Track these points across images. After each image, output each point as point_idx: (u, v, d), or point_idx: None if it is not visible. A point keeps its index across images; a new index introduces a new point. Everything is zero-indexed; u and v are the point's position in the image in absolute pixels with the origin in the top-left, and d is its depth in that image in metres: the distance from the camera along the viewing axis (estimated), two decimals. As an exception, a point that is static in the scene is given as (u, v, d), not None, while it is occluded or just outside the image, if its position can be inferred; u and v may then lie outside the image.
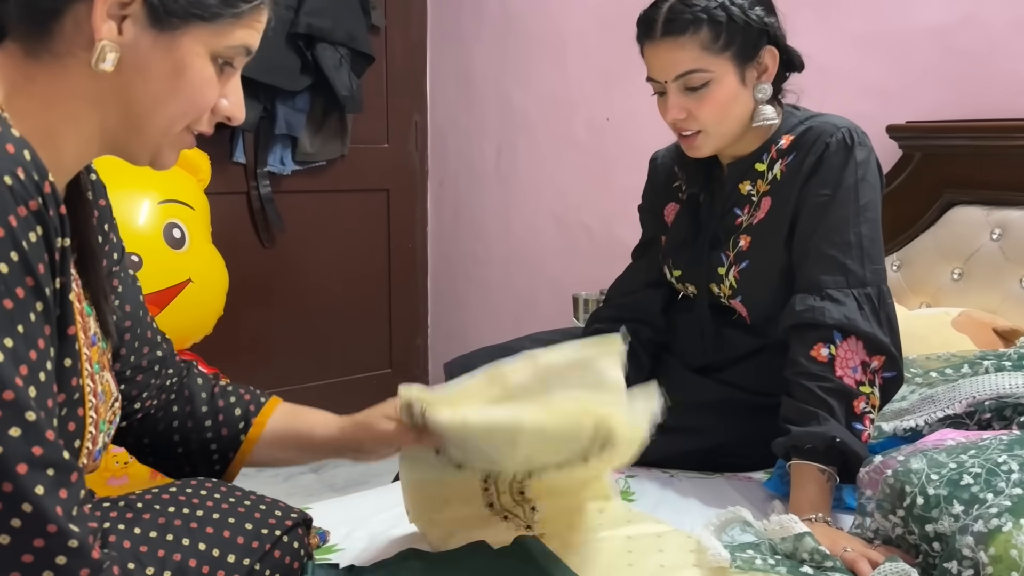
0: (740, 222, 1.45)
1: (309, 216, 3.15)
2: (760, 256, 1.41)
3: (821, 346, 1.27)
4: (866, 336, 1.27)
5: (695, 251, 1.51)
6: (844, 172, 1.33)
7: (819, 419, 1.24)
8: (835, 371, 1.26)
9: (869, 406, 1.27)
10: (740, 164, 1.45)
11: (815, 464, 1.23)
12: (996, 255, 1.79)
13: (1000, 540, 0.99)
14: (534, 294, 3.09)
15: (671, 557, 1.16)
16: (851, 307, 1.28)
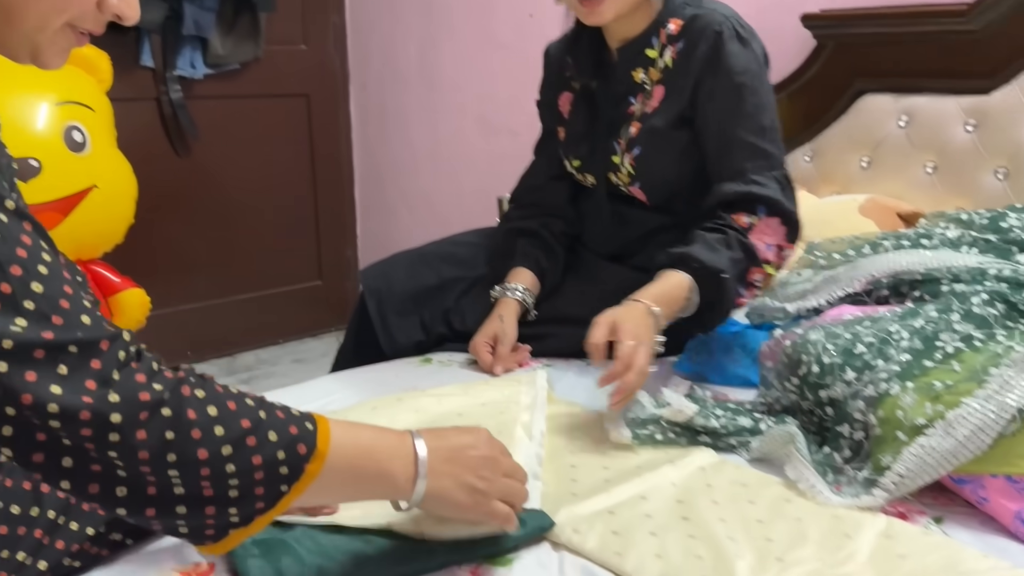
0: (633, 110, 1.46)
1: (225, 123, 3.03)
2: (653, 143, 1.44)
3: (744, 215, 1.31)
4: (787, 215, 1.32)
5: (591, 141, 1.53)
6: (747, 61, 1.35)
7: (719, 254, 1.27)
8: (750, 236, 1.30)
9: (762, 283, 1.33)
10: (630, 49, 1.45)
11: (689, 279, 1.25)
12: (903, 142, 1.83)
13: (888, 403, 1.04)
14: (461, 198, 3.07)
15: (581, 434, 1.19)
16: (773, 188, 1.33)
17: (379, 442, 0.77)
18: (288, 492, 0.69)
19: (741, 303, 1.32)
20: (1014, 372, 1.00)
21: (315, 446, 0.70)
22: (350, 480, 0.75)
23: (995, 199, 1.66)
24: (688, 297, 1.27)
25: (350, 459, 0.74)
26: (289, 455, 0.69)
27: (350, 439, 0.74)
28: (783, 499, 1.00)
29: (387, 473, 0.77)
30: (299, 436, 0.70)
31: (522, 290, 1.50)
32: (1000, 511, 0.96)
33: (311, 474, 0.70)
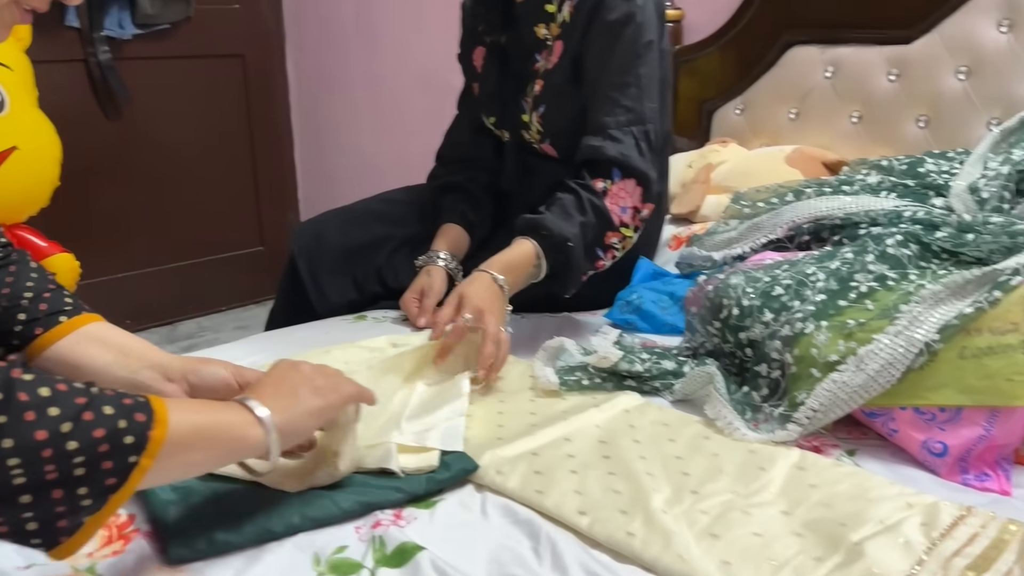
0: (538, 67, 1.47)
1: (157, 85, 2.96)
2: (556, 100, 1.45)
3: (599, 180, 1.33)
4: (641, 175, 1.34)
5: (502, 97, 1.54)
6: (624, 13, 1.36)
7: (571, 220, 1.29)
8: (606, 200, 1.32)
9: (621, 246, 1.35)
10: (530, 3, 1.45)
11: (536, 247, 1.28)
12: (829, 93, 1.86)
13: (803, 342, 1.07)
14: (404, 158, 3.03)
15: (510, 383, 1.21)
16: (628, 144, 1.34)
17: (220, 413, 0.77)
18: (138, 462, 0.66)
19: (599, 266, 1.35)
20: (923, 308, 1.04)
21: (152, 411, 0.68)
22: (201, 444, 0.73)
23: (916, 146, 1.70)
24: (536, 264, 1.29)
25: (193, 422, 0.72)
26: (130, 424, 0.66)
27: (187, 406, 0.75)
28: (702, 436, 1.03)
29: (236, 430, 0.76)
30: (134, 406, 0.67)
31: (446, 256, 1.50)
32: (908, 442, 1.00)
33: (157, 440, 0.67)
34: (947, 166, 1.40)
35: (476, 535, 0.85)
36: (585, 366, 1.20)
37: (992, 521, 0.84)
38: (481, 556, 0.81)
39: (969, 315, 0.99)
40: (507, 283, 1.26)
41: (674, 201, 1.84)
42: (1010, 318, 0.98)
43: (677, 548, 0.79)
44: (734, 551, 0.79)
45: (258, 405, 0.78)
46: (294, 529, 0.83)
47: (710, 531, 0.83)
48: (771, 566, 0.77)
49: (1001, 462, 0.97)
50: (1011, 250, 1.11)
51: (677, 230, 1.77)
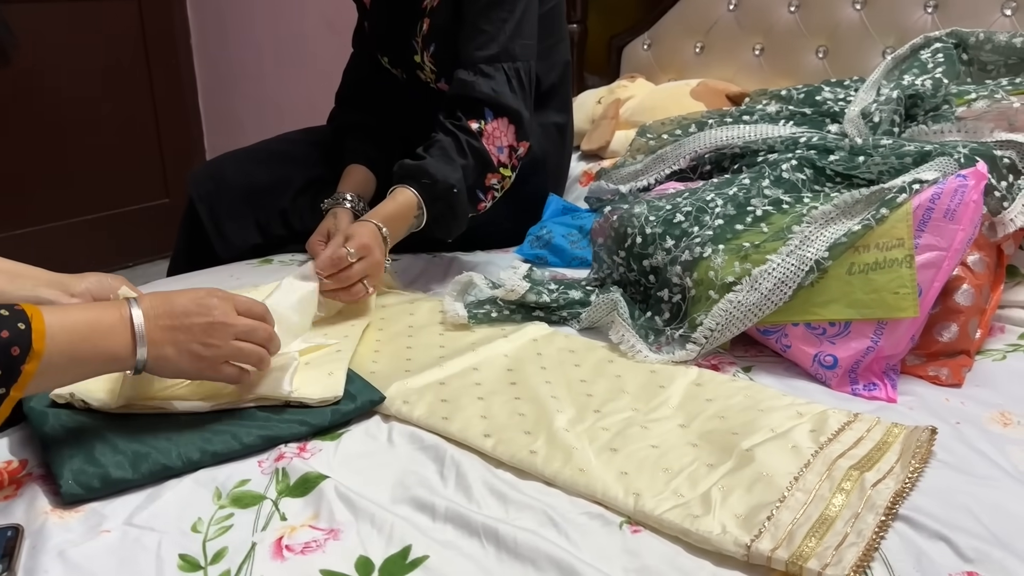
0: (425, 5, 1.44)
1: (48, 29, 2.80)
2: (443, 40, 1.42)
3: (473, 121, 1.31)
4: (513, 113, 1.32)
5: (393, 37, 1.50)
6: None
7: (453, 165, 1.28)
8: (483, 139, 1.30)
9: (500, 186, 1.35)
10: None
11: (417, 196, 1.27)
12: (732, 26, 1.88)
13: (702, 266, 1.10)
14: (312, 102, 2.95)
15: (420, 319, 1.21)
16: (500, 80, 1.32)
17: (96, 323, 0.77)
18: (7, 394, 0.69)
19: (481, 207, 1.34)
20: (813, 228, 1.07)
21: (30, 346, 0.70)
22: (71, 366, 0.75)
23: (816, 76, 1.74)
24: (417, 215, 1.28)
25: (67, 348, 0.73)
26: (4, 358, 0.68)
27: (66, 328, 0.74)
28: (606, 360, 1.05)
29: (107, 351, 0.77)
30: (12, 339, 0.68)
31: (352, 198, 1.46)
32: (801, 356, 1.04)
33: (28, 373, 0.69)
34: (843, 94, 1.44)
35: (381, 462, 0.85)
36: (494, 299, 1.21)
37: (877, 425, 0.88)
38: (386, 481, 0.81)
39: (857, 232, 1.02)
40: (389, 235, 1.24)
41: (584, 137, 1.85)
42: (896, 234, 1.01)
43: (577, 462, 0.81)
44: (632, 463, 0.82)
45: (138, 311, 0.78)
46: (194, 465, 0.82)
47: (610, 445, 0.85)
48: (666, 474, 0.80)
49: (888, 372, 1.02)
50: (899, 171, 1.15)
51: (588, 166, 1.78)
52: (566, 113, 1.61)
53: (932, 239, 1.00)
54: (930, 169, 1.10)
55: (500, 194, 1.36)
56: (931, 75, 1.36)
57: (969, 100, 1.30)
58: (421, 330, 1.17)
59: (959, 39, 1.46)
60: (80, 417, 0.87)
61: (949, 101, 1.30)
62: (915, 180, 1.05)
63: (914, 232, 1.01)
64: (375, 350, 1.11)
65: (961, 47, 1.45)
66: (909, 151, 1.16)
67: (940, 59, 1.40)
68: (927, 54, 1.43)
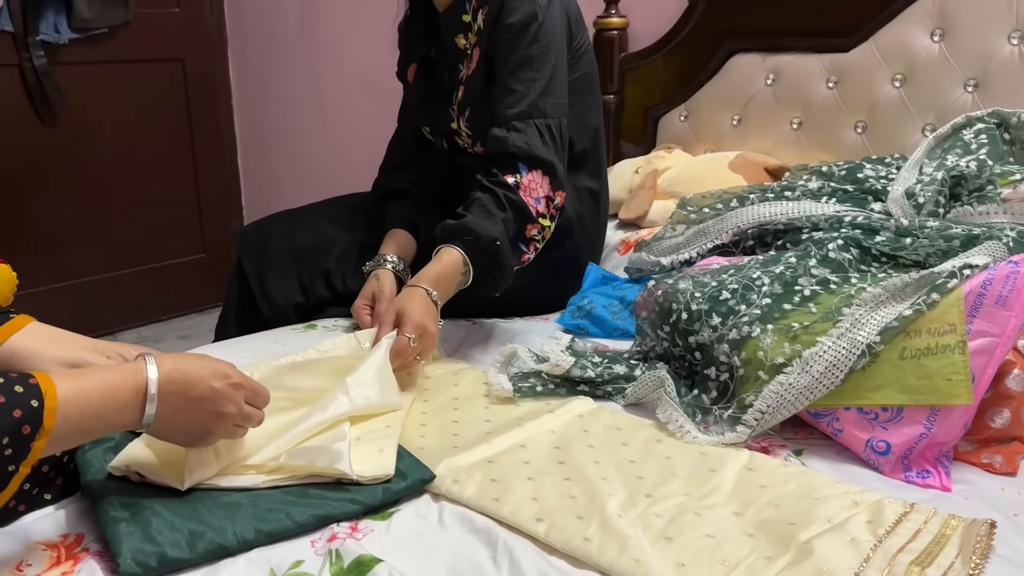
0: (461, 76, 1.51)
1: (95, 90, 2.89)
2: (477, 104, 1.48)
3: (509, 175, 1.35)
4: (547, 165, 1.36)
5: (433, 108, 1.58)
6: (526, 13, 1.40)
7: (493, 219, 1.30)
8: (520, 192, 1.33)
9: (540, 236, 1.37)
10: (450, 15, 1.49)
11: (463, 254, 1.29)
12: (770, 100, 1.91)
13: (750, 345, 1.09)
14: (350, 163, 3.01)
15: (464, 390, 1.21)
16: (532, 134, 1.37)
17: (111, 397, 0.78)
18: (17, 471, 0.70)
19: (525, 260, 1.36)
20: (864, 311, 1.07)
21: (41, 424, 0.71)
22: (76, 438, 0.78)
23: (855, 152, 1.75)
24: (464, 272, 1.30)
25: (77, 424, 0.75)
26: (15, 437, 0.69)
27: (79, 404, 0.75)
28: (654, 440, 1.05)
29: (115, 424, 0.79)
30: (24, 418, 0.70)
31: (393, 259, 1.49)
32: (853, 441, 1.03)
33: (37, 450, 0.71)
34: (884, 171, 1.45)
35: (433, 545, 0.85)
36: (538, 372, 1.21)
37: (934, 516, 0.87)
38: (439, 566, 0.81)
39: (908, 317, 1.02)
40: (439, 297, 1.26)
41: (622, 207, 1.87)
42: (947, 319, 1.01)
43: (633, 552, 0.80)
44: (688, 553, 0.81)
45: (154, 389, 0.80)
46: (248, 545, 0.82)
47: (664, 534, 0.84)
48: (724, 567, 0.79)
49: (941, 459, 1.01)
50: (947, 253, 1.15)
51: (625, 235, 1.79)
52: (600, 179, 1.64)
53: (984, 325, 1.00)
54: (980, 254, 1.10)
55: (542, 244, 1.39)
56: (975, 156, 1.37)
57: (1014, 181, 1.30)
58: (467, 403, 1.18)
59: (1001, 119, 1.47)
60: (136, 492, 0.87)
61: (993, 182, 1.31)
62: (965, 265, 1.05)
63: (966, 318, 1.00)
64: (422, 423, 1.11)
65: (1003, 127, 1.46)
66: (956, 233, 1.16)
67: (983, 139, 1.41)
68: (969, 134, 1.44)
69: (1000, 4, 1.61)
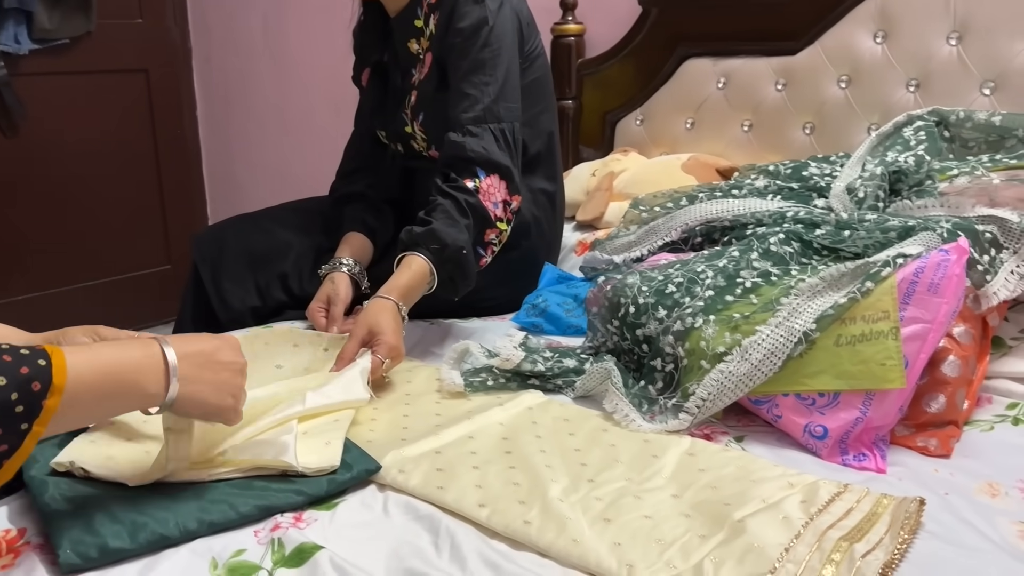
0: (414, 80, 1.53)
1: (57, 101, 2.88)
2: (431, 108, 1.50)
3: (468, 180, 1.36)
4: (503, 169, 1.38)
5: (386, 113, 1.60)
6: (476, 18, 1.42)
7: (458, 227, 1.32)
8: (479, 196, 1.35)
9: (498, 240, 1.39)
10: (401, 20, 1.52)
11: (429, 262, 1.30)
12: (722, 103, 1.94)
13: (693, 336, 1.12)
14: (314, 171, 3.01)
15: (417, 387, 1.23)
16: (487, 139, 1.39)
17: (125, 359, 0.77)
18: (30, 429, 0.70)
19: (483, 263, 1.38)
20: (801, 300, 1.10)
21: (51, 381, 0.70)
22: (98, 402, 0.76)
23: (803, 152, 1.79)
24: (430, 281, 1.31)
25: (93, 384, 0.74)
26: (23, 394, 0.68)
27: (90, 365, 0.74)
28: (600, 429, 1.06)
29: (136, 386, 0.78)
30: (31, 375, 0.69)
31: (349, 262, 1.50)
32: (791, 426, 1.06)
33: (50, 409, 0.70)
34: (829, 169, 1.48)
35: (376, 533, 0.86)
36: (490, 368, 1.22)
37: (866, 496, 0.89)
38: (381, 552, 0.82)
39: (844, 305, 1.05)
40: (406, 310, 1.28)
41: (579, 208, 1.89)
42: (881, 307, 1.04)
43: (571, 533, 0.82)
44: (625, 533, 0.83)
45: (170, 349, 0.79)
46: (191, 535, 0.82)
47: (603, 516, 0.86)
48: (659, 545, 0.81)
49: (878, 442, 1.03)
50: (884, 245, 1.18)
51: (582, 236, 1.82)
52: (555, 182, 1.66)
53: (917, 312, 1.03)
54: (914, 243, 1.13)
55: (498, 248, 1.41)
56: (914, 152, 1.41)
57: (951, 176, 1.34)
58: (418, 398, 1.19)
59: (940, 117, 1.51)
60: (79, 486, 0.88)
61: (932, 177, 1.35)
62: (899, 254, 1.08)
63: (899, 305, 1.03)
64: (372, 418, 1.12)
65: (943, 125, 1.50)
66: (893, 226, 1.19)
67: (923, 136, 1.45)
68: (910, 131, 1.48)
69: (939, 6, 1.65)
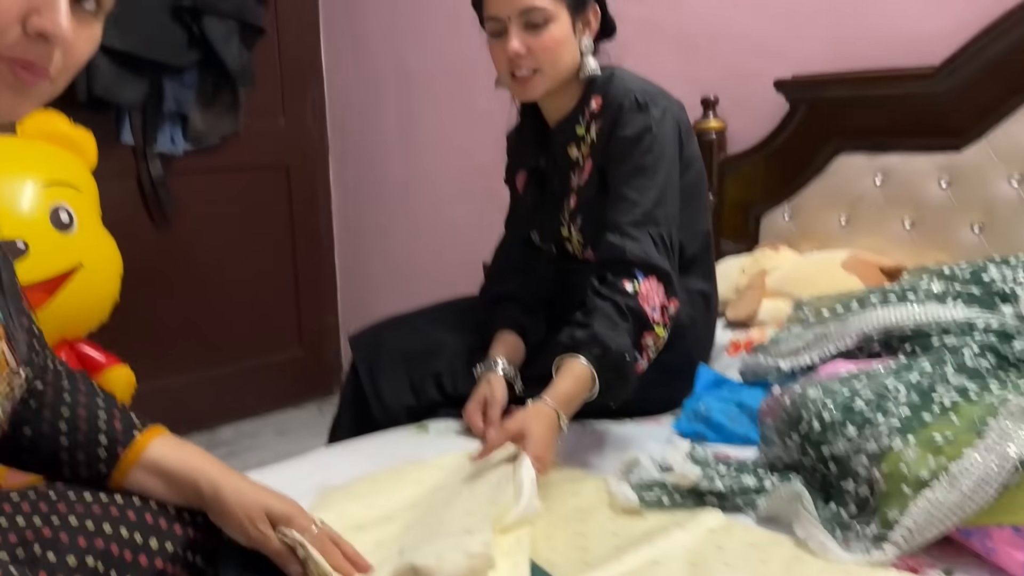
0: (572, 184, 1.55)
1: (205, 196, 3.04)
2: (590, 213, 1.51)
3: (627, 282, 1.33)
4: (662, 273, 1.35)
5: (543, 216, 1.61)
6: (640, 125, 1.43)
7: (619, 330, 1.28)
8: (639, 300, 1.32)
9: (655, 346, 1.35)
10: (563, 127, 1.54)
11: (591, 368, 1.26)
12: (879, 199, 1.88)
13: (891, 458, 1.05)
14: (444, 264, 3.09)
15: (586, 500, 1.19)
16: (646, 242, 1.37)
17: None
18: None
19: (639, 370, 1.33)
20: (1011, 423, 1.02)
21: None
22: None
23: (972, 252, 1.70)
24: (591, 388, 1.28)
25: None
26: None
27: None
28: (794, 558, 1.00)
29: None
30: None
31: (503, 363, 1.51)
32: (1008, 561, 0.97)
33: None
34: (1011, 274, 1.40)
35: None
36: (663, 483, 1.18)
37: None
38: None
39: (1064, 430, 0.97)
40: (565, 421, 1.25)
41: (729, 306, 1.85)
42: (1107, 432, 0.96)
43: None
44: None
45: None
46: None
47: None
48: None
49: (1109, 583, 0.94)
50: (1094, 360, 1.10)
51: (734, 335, 1.77)
52: (710, 281, 1.64)
53: None
54: None
55: (655, 354, 1.37)
56: (1113, 256, 1.32)
57: None
58: (590, 514, 1.15)
59: None
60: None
61: None
62: (1122, 374, 1.00)
63: None
64: (547, 536, 1.09)
65: None
66: (1102, 340, 1.11)
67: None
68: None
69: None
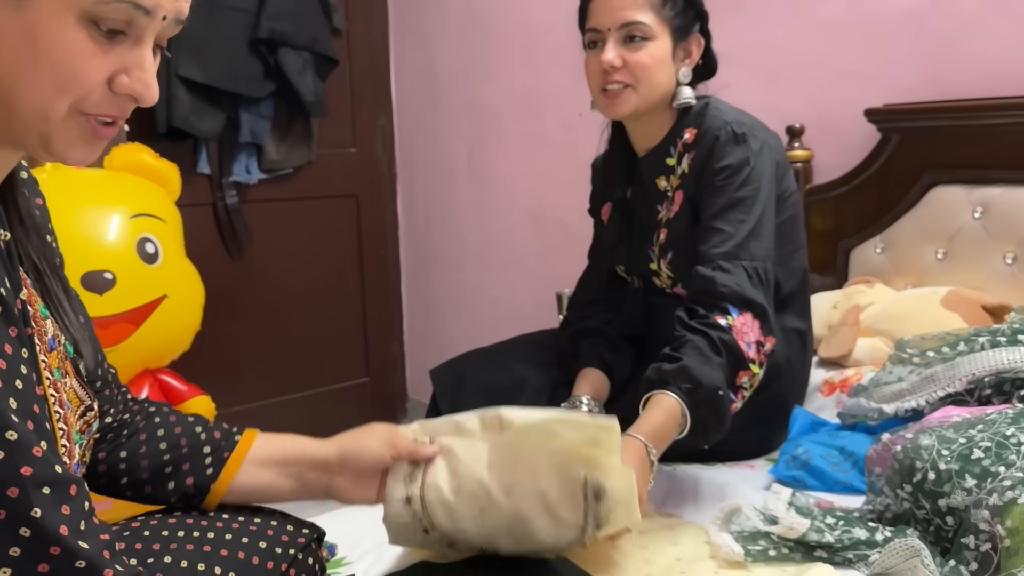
0: (660, 217, 1.51)
1: (277, 225, 3.08)
2: (681, 247, 1.47)
3: (720, 317, 1.28)
4: (758, 308, 1.30)
5: (630, 248, 1.58)
6: (737, 158, 1.38)
7: (711, 365, 1.22)
8: (733, 334, 1.26)
9: (749, 384, 1.28)
10: (652, 158, 1.51)
11: (681, 403, 1.20)
12: (979, 233, 1.80)
13: (1016, 512, 0.99)
14: (512, 294, 3.06)
15: (686, 550, 1.15)
16: (740, 276, 1.31)
17: None
18: None
19: (733, 409, 1.27)
20: None
21: None
22: None
23: (1082, 289, 1.62)
24: (682, 424, 1.22)
25: None
26: None
27: None
28: (917, 619, 0.95)
29: None
30: None
31: (589, 401, 1.48)
32: None
33: None
34: None
35: None
36: (767, 534, 1.13)
37: None
38: None
39: None
40: (656, 454, 1.19)
41: (822, 344, 1.78)
42: None
43: None
44: None
45: None
46: None
47: None
48: None
49: None
50: None
51: (828, 374, 1.70)
52: (806, 320, 1.58)
53: None
54: None
55: (750, 393, 1.30)
56: None
57: None
58: (692, 565, 1.11)
59: None
60: None
61: None
62: None
63: None
64: (651, 587, 1.05)
65: None
66: None
67: None
68: None
69: None
